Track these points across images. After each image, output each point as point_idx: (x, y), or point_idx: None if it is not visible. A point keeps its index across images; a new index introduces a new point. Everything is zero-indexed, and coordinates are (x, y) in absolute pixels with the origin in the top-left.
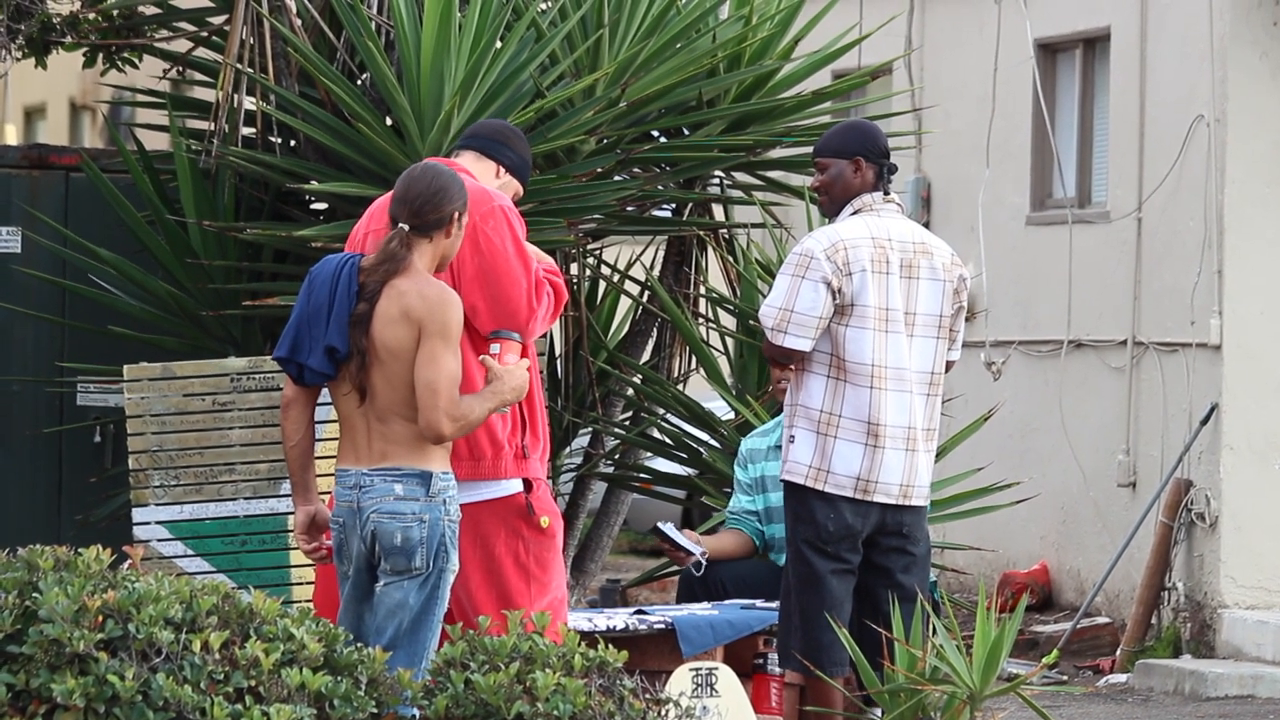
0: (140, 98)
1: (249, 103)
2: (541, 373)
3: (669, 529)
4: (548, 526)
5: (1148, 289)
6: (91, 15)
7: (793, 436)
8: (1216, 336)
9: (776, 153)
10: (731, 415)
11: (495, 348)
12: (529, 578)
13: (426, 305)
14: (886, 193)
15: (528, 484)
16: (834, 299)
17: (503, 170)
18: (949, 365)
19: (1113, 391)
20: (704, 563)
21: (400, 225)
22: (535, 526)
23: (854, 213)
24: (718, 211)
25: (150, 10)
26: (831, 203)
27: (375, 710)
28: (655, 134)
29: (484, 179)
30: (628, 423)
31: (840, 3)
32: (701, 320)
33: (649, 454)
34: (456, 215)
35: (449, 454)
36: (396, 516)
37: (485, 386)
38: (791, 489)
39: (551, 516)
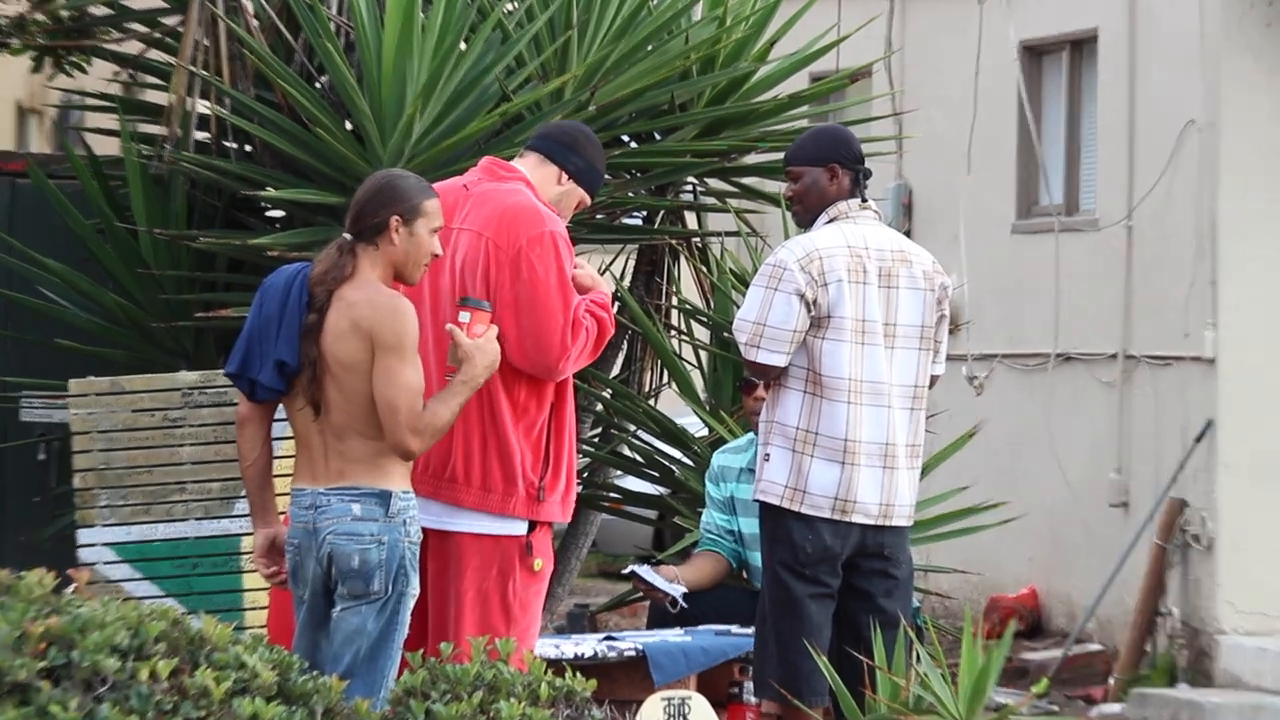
0: (90, 101)
1: (203, 106)
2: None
3: (645, 572)
4: (539, 570)
5: (1139, 300)
6: (39, 17)
7: (768, 455)
8: (1211, 349)
9: (751, 158)
10: (705, 431)
11: (464, 316)
12: (510, 618)
13: (377, 316)
14: (864, 200)
15: (532, 523)
16: (809, 311)
17: (565, 177)
18: (934, 379)
19: (1103, 407)
20: (683, 603)
21: (344, 234)
22: (528, 568)
23: (829, 221)
24: (690, 219)
25: (100, 11)
26: (806, 211)
27: None
28: (626, 139)
29: (545, 186)
30: (597, 440)
31: (818, 3)
32: (674, 332)
33: (619, 472)
34: (397, 221)
35: (409, 472)
36: (354, 538)
37: (453, 374)
38: (767, 510)
39: (545, 561)
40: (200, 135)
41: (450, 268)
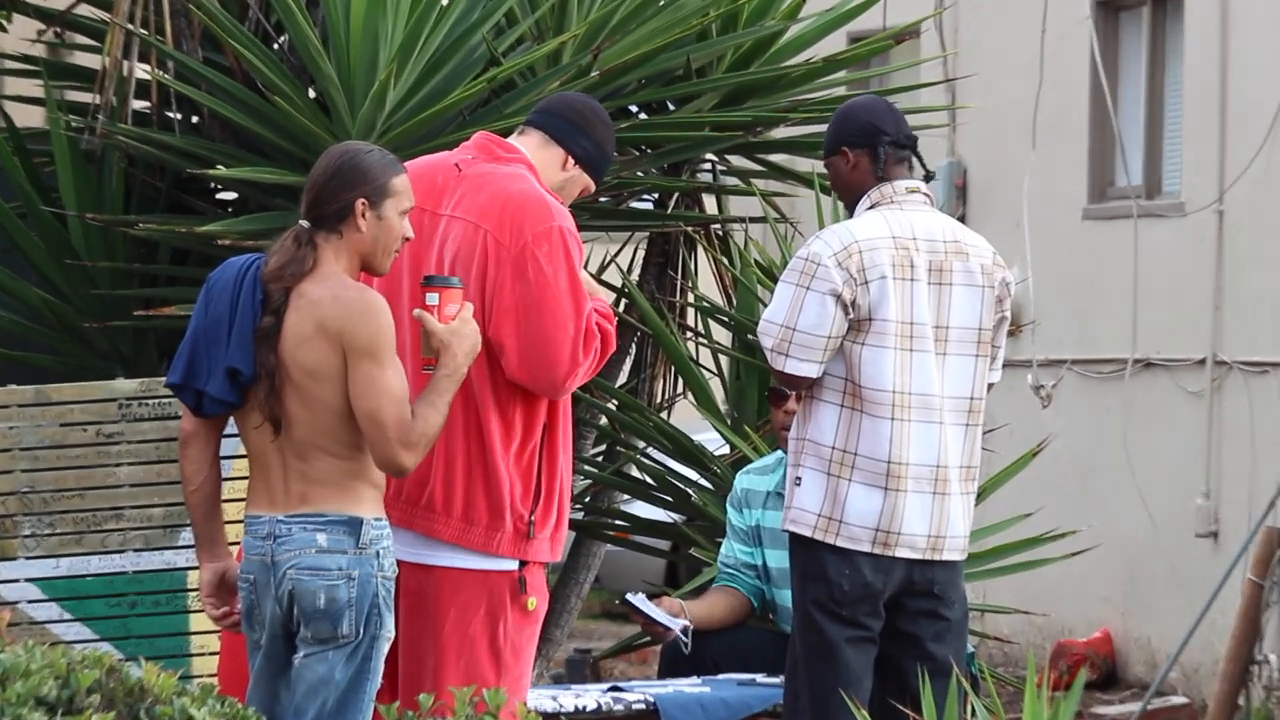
0: (8, 64)
1: (142, 71)
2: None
3: (640, 601)
4: (533, 609)
5: (1231, 297)
6: None
7: (799, 478)
8: None
9: (780, 132)
10: (726, 449)
11: (432, 298)
12: (500, 666)
13: (346, 316)
14: (928, 176)
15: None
16: (846, 314)
17: (572, 162)
18: (989, 387)
19: (1189, 421)
20: (688, 640)
21: (301, 221)
22: (521, 607)
23: (870, 207)
24: (709, 203)
25: None
26: (846, 206)
27: None
28: (634, 109)
29: (547, 170)
30: (600, 459)
31: None
32: (689, 334)
33: (626, 496)
34: (363, 204)
35: (381, 496)
36: (319, 573)
37: (431, 367)
38: (798, 542)
39: (540, 599)
40: (139, 104)
41: (438, 260)
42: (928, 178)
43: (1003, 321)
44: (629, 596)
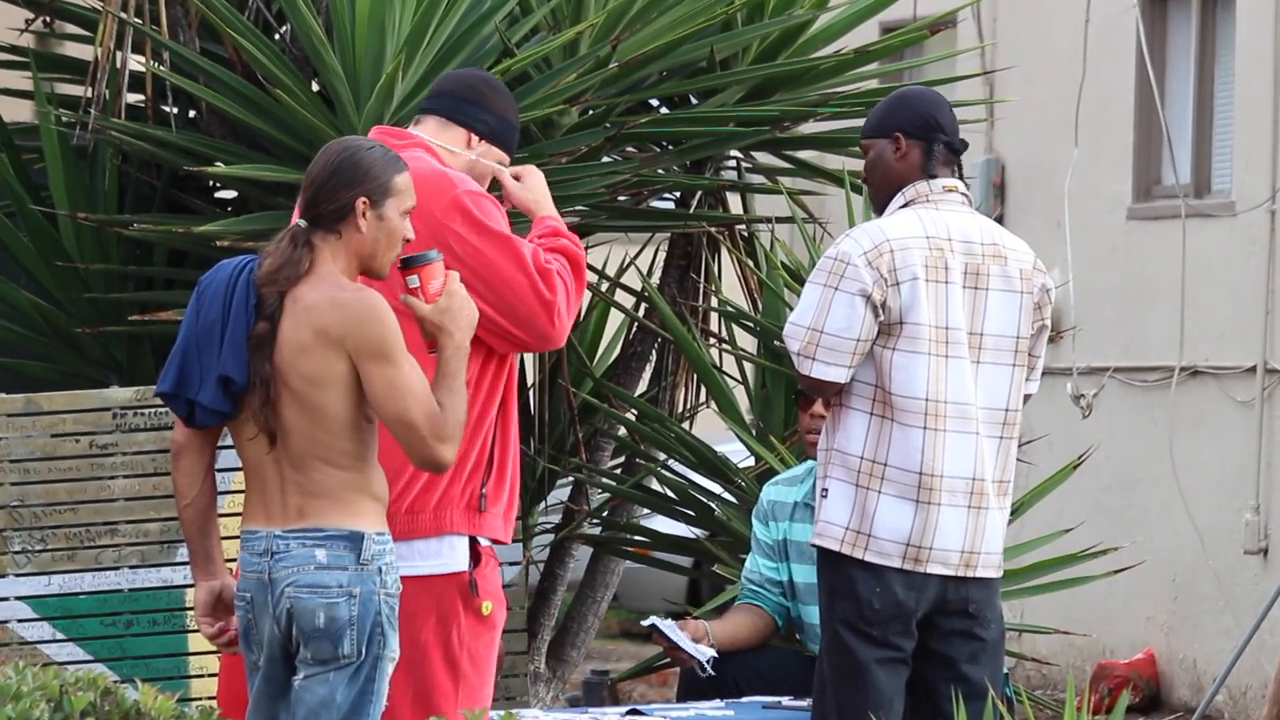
0: None
1: (136, 63)
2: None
3: (668, 627)
4: (489, 614)
5: None
6: None
7: (826, 490)
8: None
9: (808, 127)
10: (751, 461)
11: (413, 280)
12: (458, 676)
13: (348, 322)
14: (961, 177)
15: (475, 555)
16: (876, 316)
17: (476, 138)
18: (1025, 399)
19: (1238, 432)
20: (710, 669)
21: (298, 220)
22: (474, 612)
23: (904, 204)
24: (734, 202)
25: None
26: (875, 193)
27: None
28: (655, 103)
29: (452, 151)
30: (619, 471)
31: None
32: (713, 341)
33: (646, 511)
34: (364, 204)
35: (384, 510)
36: (319, 590)
37: (437, 360)
38: (826, 557)
39: (495, 603)
40: (133, 98)
41: None
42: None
43: (1042, 330)
44: (654, 620)
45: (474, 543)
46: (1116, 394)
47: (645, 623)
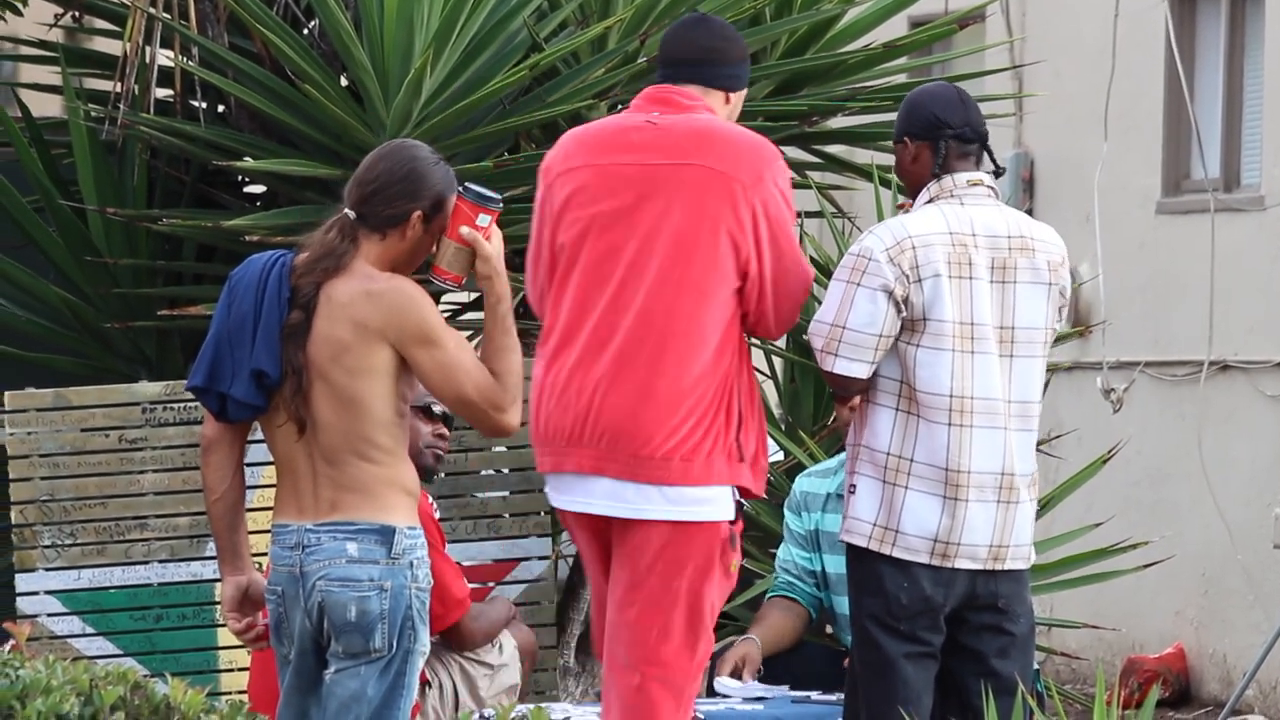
0: (25, 51)
1: (165, 57)
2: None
3: (729, 687)
4: (734, 572)
5: None
6: None
7: (854, 486)
8: None
9: (837, 122)
10: (780, 456)
11: (484, 219)
12: (697, 627)
13: (386, 310)
14: (996, 170)
15: (738, 507)
16: (899, 312)
17: (732, 95)
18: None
19: (1268, 426)
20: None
21: (345, 211)
22: (726, 566)
23: (929, 200)
24: None
25: None
26: (909, 196)
27: None
28: None
29: (718, 110)
30: None
31: None
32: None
33: None
34: (421, 214)
35: (416, 504)
36: (350, 584)
37: (490, 309)
38: (854, 553)
39: (739, 562)
40: (162, 93)
41: (660, 209)
42: (997, 173)
43: (1063, 298)
44: (718, 686)
45: (735, 494)
46: (1146, 388)
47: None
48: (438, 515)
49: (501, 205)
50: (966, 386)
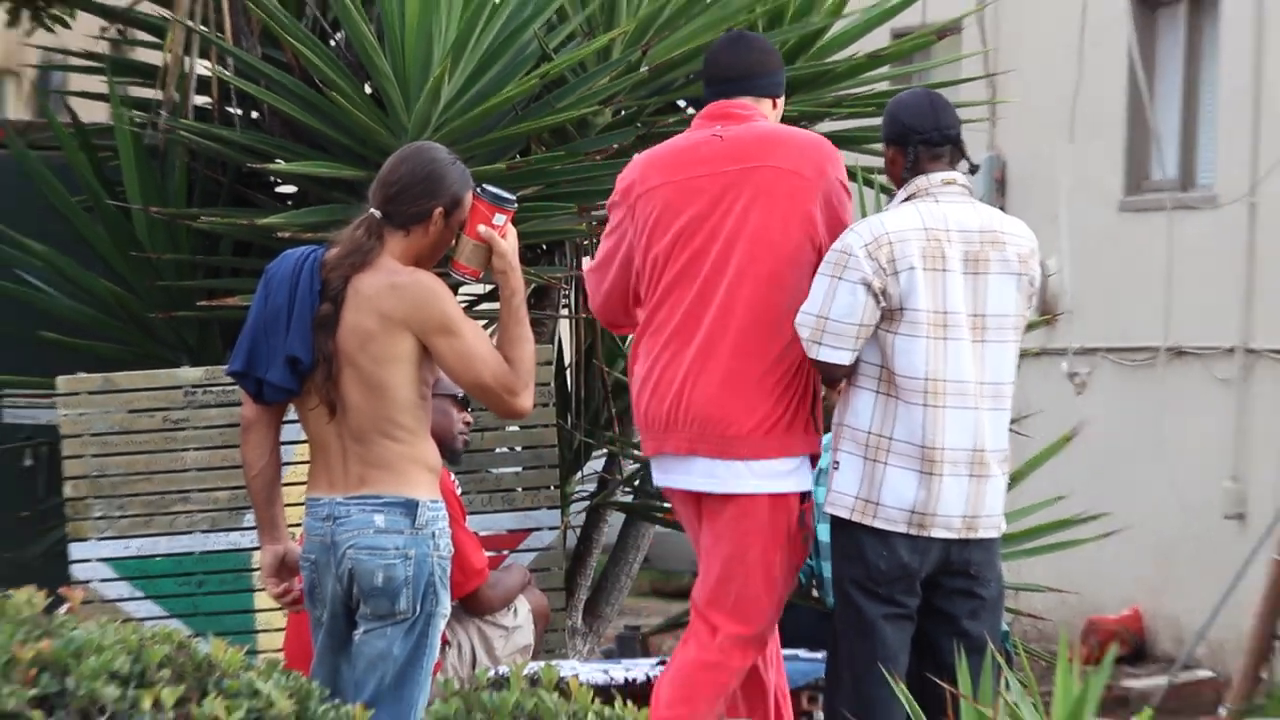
0: (74, 61)
1: (203, 67)
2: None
3: None
4: (804, 544)
5: (1262, 287)
6: None
7: (837, 462)
8: None
9: (825, 126)
10: None
11: (499, 219)
12: (772, 589)
13: (409, 302)
14: (972, 169)
15: (804, 494)
16: (878, 303)
17: (777, 101)
18: None
19: (1219, 407)
20: None
21: (371, 210)
22: (798, 536)
23: (908, 198)
24: None
25: None
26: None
27: None
28: (682, 104)
29: (770, 116)
30: None
31: None
32: None
33: None
34: (441, 211)
35: (437, 479)
36: (377, 552)
37: (506, 302)
38: (838, 523)
39: (809, 535)
40: (200, 100)
41: (740, 209)
42: (972, 170)
43: (1033, 288)
44: None
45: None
46: (1108, 373)
47: None
48: (459, 491)
49: (516, 205)
50: (940, 370)
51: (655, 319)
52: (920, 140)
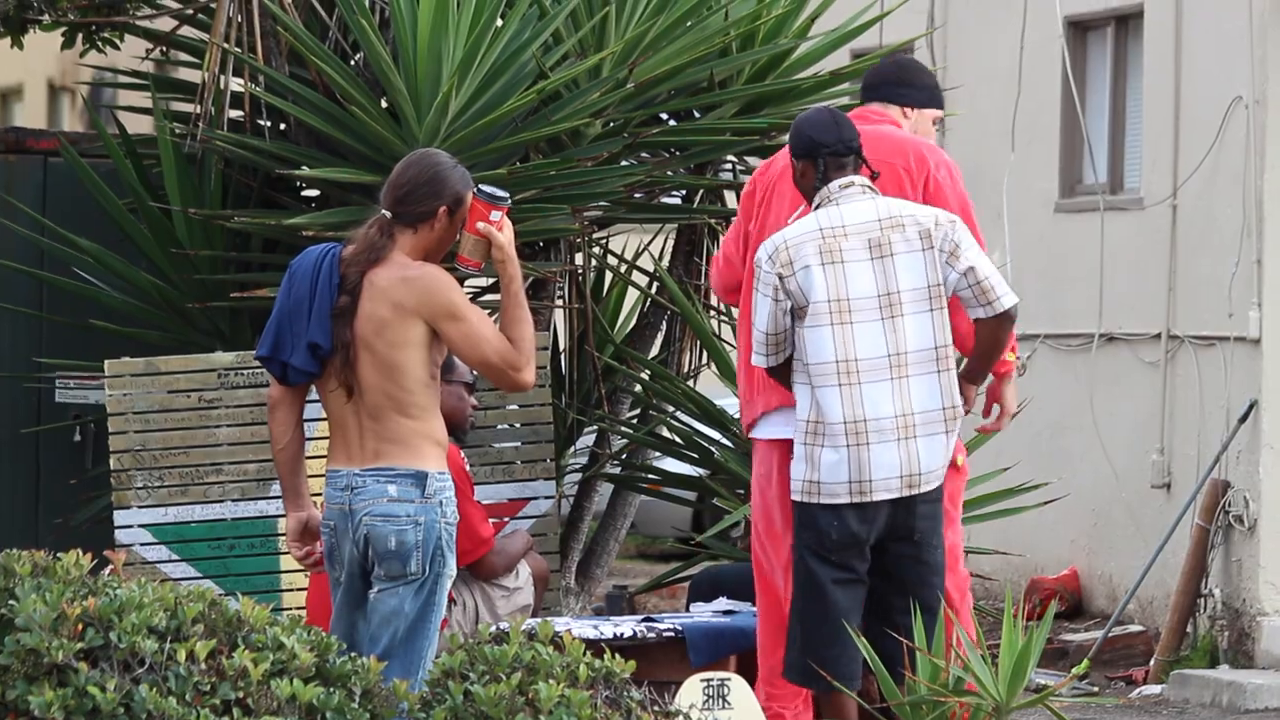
0: (122, 79)
1: (236, 84)
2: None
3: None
4: (963, 465)
5: (1183, 280)
6: None
7: (792, 451)
8: (1256, 329)
9: None
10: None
11: (496, 215)
12: (950, 519)
13: (420, 292)
14: (872, 174)
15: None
16: (784, 309)
17: (909, 110)
18: (978, 282)
19: (1146, 388)
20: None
21: (383, 211)
22: (954, 464)
23: (817, 207)
24: (730, 198)
25: None
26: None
27: None
28: (664, 117)
29: (900, 122)
30: (635, 421)
31: None
32: (713, 313)
33: (658, 454)
34: (445, 209)
35: (445, 453)
36: (390, 519)
37: (506, 288)
38: (795, 505)
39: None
40: (234, 113)
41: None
42: (874, 175)
43: (956, 251)
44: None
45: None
46: (1046, 356)
47: None
48: (468, 467)
49: (510, 202)
50: (850, 351)
51: None
52: (828, 153)
